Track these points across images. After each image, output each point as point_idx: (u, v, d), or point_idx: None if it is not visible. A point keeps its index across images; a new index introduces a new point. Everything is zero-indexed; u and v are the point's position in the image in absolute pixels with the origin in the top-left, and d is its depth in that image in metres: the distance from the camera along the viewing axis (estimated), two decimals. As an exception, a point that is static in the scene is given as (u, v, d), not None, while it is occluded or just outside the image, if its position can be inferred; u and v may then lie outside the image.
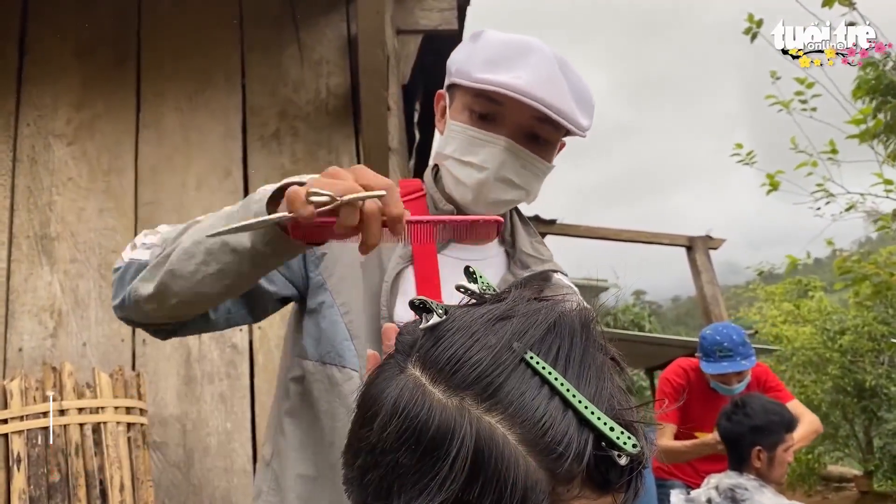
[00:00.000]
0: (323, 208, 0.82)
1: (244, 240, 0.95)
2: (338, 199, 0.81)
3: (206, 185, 3.17)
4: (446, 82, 1.21)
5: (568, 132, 1.17)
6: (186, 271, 1.00)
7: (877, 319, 8.81)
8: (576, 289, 1.26)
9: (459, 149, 1.15)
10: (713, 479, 2.37)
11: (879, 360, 8.96)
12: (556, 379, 0.51)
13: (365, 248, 0.86)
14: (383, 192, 0.83)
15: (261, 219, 0.89)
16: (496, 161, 1.12)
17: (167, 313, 1.06)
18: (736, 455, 2.42)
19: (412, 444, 0.49)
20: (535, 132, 1.14)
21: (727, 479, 2.34)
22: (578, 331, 0.54)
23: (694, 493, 2.39)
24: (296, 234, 0.90)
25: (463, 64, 1.14)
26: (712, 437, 2.82)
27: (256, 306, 1.18)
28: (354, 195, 0.82)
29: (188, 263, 1.00)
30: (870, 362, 8.91)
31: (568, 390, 0.50)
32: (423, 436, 0.49)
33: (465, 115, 1.15)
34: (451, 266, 1.17)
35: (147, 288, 1.04)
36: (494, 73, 1.09)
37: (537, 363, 0.51)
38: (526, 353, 0.52)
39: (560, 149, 1.22)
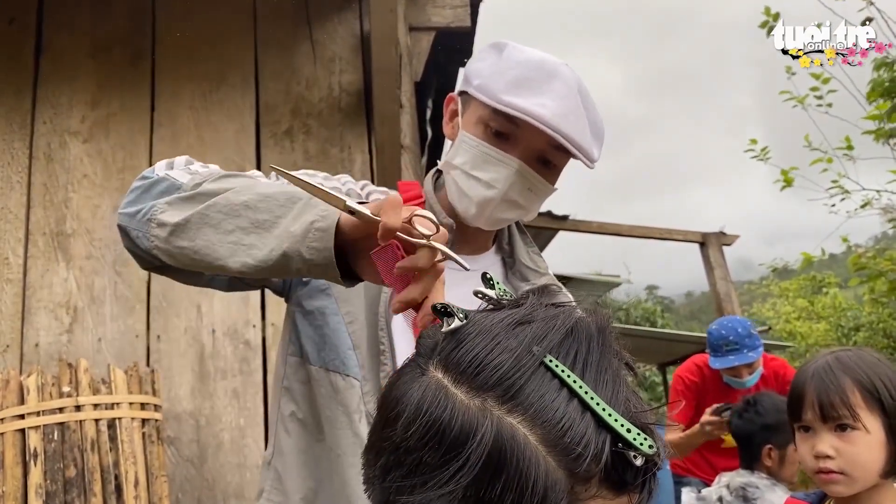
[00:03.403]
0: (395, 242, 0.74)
1: (298, 240, 0.81)
2: (427, 240, 0.73)
3: (220, 183, 3.18)
4: (461, 87, 1.20)
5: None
6: (221, 226, 0.88)
7: (892, 316, 8.77)
8: (574, 302, 1.27)
9: (469, 162, 1.14)
10: (724, 478, 2.36)
11: (894, 357, 8.91)
12: (574, 382, 0.52)
13: (400, 306, 0.75)
14: (466, 266, 0.77)
15: (342, 197, 0.75)
16: (506, 182, 1.12)
17: (169, 248, 0.94)
18: (747, 453, 2.41)
19: (435, 443, 0.51)
20: (546, 157, 1.14)
21: (738, 477, 2.33)
22: (595, 336, 0.56)
23: (705, 491, 2.39)
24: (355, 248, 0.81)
25: (486, 80, 1.13)
26: (702, 419, 2.83)
27: (237, 281, 1.15)
28: (444, 249, 0.75)
29: (228, 220, 0.88)
30: (885, 359, 8.86)
31: (586, 393, 0.52)
32: (446, 435, 0.50)
33: (479, 129, 1.14)
34: (447, 275, 1.16)
35: (172, 216, 0.93)
36: (519, 97, 1.09)
37: (557, 366, 0.53)
38: (546, 356, 0.53)
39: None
